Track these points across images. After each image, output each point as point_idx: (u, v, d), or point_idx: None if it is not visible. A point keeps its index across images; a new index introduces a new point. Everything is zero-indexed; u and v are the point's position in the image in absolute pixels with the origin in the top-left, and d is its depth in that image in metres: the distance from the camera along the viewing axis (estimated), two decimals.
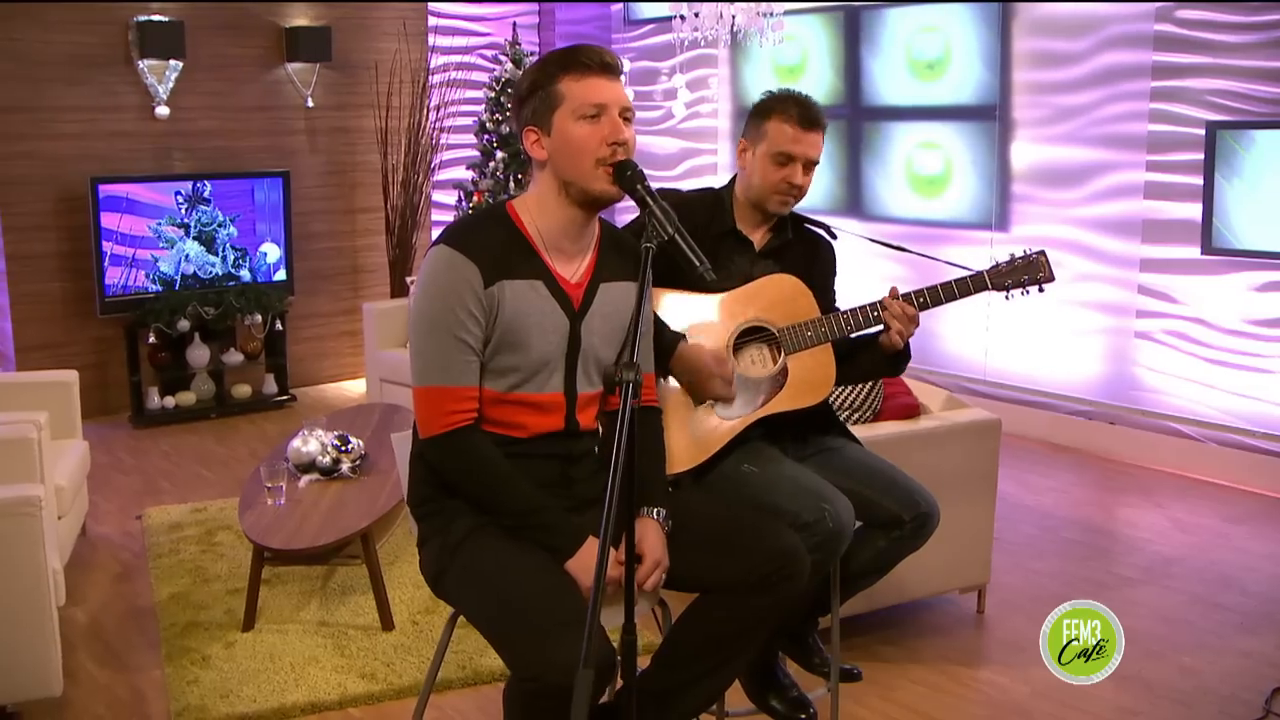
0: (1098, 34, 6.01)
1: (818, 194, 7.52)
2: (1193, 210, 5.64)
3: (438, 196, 8.26)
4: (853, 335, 2.87)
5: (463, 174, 7.93)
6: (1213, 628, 4.10)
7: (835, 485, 2.88)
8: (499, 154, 7.59)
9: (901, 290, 2.91)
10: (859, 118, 7.29)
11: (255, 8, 7.30)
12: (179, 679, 3.69)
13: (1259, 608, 4.27)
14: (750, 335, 2.88)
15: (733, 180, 3.04)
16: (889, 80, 7.09)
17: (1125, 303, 6.04)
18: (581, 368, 2.37)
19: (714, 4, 5.49)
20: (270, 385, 7.27)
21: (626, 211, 3.39)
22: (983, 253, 6.53)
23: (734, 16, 5.50)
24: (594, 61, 2.29)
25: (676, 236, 2.14)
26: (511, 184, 7.65)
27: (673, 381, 2.84)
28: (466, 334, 2.26)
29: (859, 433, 3.86)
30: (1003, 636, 4.06)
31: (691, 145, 8.47)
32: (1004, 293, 2.94)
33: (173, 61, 6.91)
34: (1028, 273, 2.92)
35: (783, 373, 2.85)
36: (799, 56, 7.60)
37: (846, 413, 4.06)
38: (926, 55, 6.83)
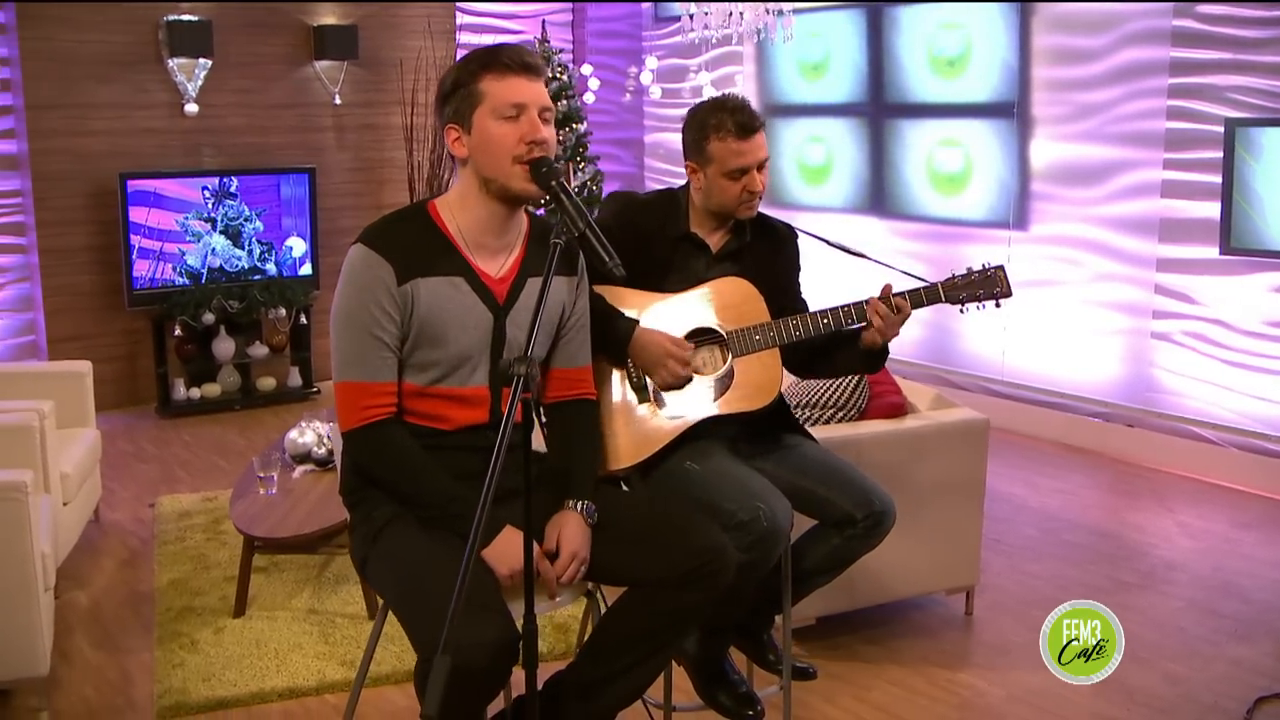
0: (1117, 30, 5.92)
1: (839, 192, 7.51)
2: (1211, 209, 5.54)
3: None
4: (801, 339, 2.86)
5: None
6: (1205, 635, 4.03)
7: (790, 484, 2.88)
8: None
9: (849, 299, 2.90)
10: (881, 115, 7.25)
11: (283, 6, 7.42)
12: (166, 662, 3.78)
13: (1257, 615, 4.18)
14: (700, 337, 2.88)
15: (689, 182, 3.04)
16: (910, 77, 7.04)
17: (1142, 303, 5.95)
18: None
19: (724, 3, 5.49)
20: (295, 378, 7.39)
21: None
22: (1000, 252, 6.48)
23: (742, 14, 5.49)
24: (515, 61, 2.33)
25: (587, 232, 2.16)
26: (563, 179, 7.71)
27: (619, 380, 2.86)
28: (382, 331, 2.31)
29: (843, 431, 3.87)
30: (988, 639, 4.02)
31: None
32: (959, 306, 2.90)
33: (202, 60, 7.05)
34: (984, 287, 2.88)
35: (729, 375, 2.85)
36: (822, 53, 7.57)
37: (830, 411, 4.04)
38: (947, 52, 6.78)
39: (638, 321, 2.83)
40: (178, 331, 6.93)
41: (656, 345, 2.79)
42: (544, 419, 2.64)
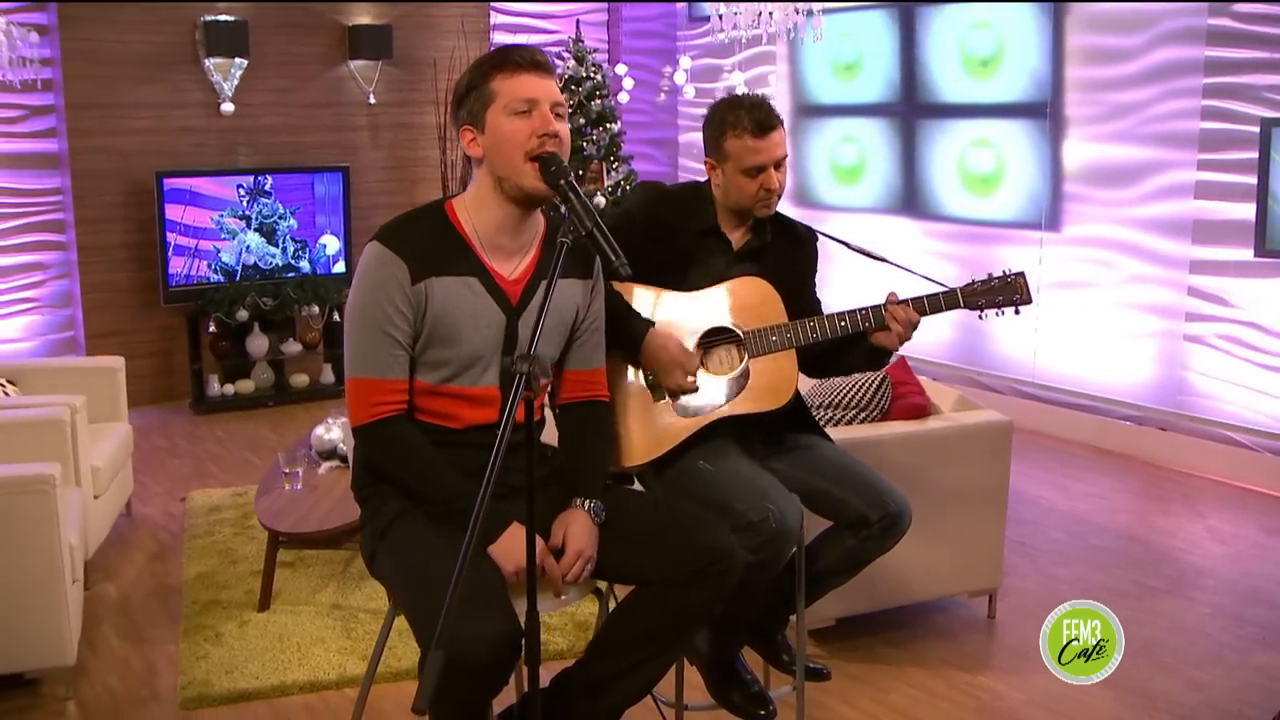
0: (1151, 29, 5.86)
1: (871, 192, 7.48)
2: (1246, 210, 5.46)
3: None
4: (817, 342, 2.85)
5: None
6: (1231, 641, 3.98)
7: (805, 484, 2.89)
8: None
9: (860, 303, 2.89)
10: (913, 115, 7.21)
11: (318, 6, 7.49)
12: (190, 654, 3.84)
13: None
14: (717, 336, 2.88)
15: None
16: (943, 77, 7.01)
17: (1175, 305, 5.89)
18: None
19: (753, 3, 5.48)
20: (328, 375, 7.45)
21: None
22: (1033, 253, 6.43)
23: (771, 14, 5.48)
24: (525, 60, 2.36)
25: (594, 230, 2.17)
26: (572, 178, 7.73)
27: (634, 377, 2.87)
28: (394, 329, 2.33)
29: (865, 432, 3.86)
30: (1010, 642, 3.99)
31: None
32: (977, 311, 2.89)
33: (238, 60, 7.14)
34: (1003, 294, 2.86)
35: (744, 376, 2.85)
36: (855, 53, 7.55)
37: (853, 412, 4.03)
38: (980, 52, 6.73)
39: (653, 323, 2.83)
40: (212, 328, 7.01)
41: (667, 353, 2.79)
42: (558, 417, 2.65)
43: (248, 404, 7.15)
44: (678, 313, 2.87)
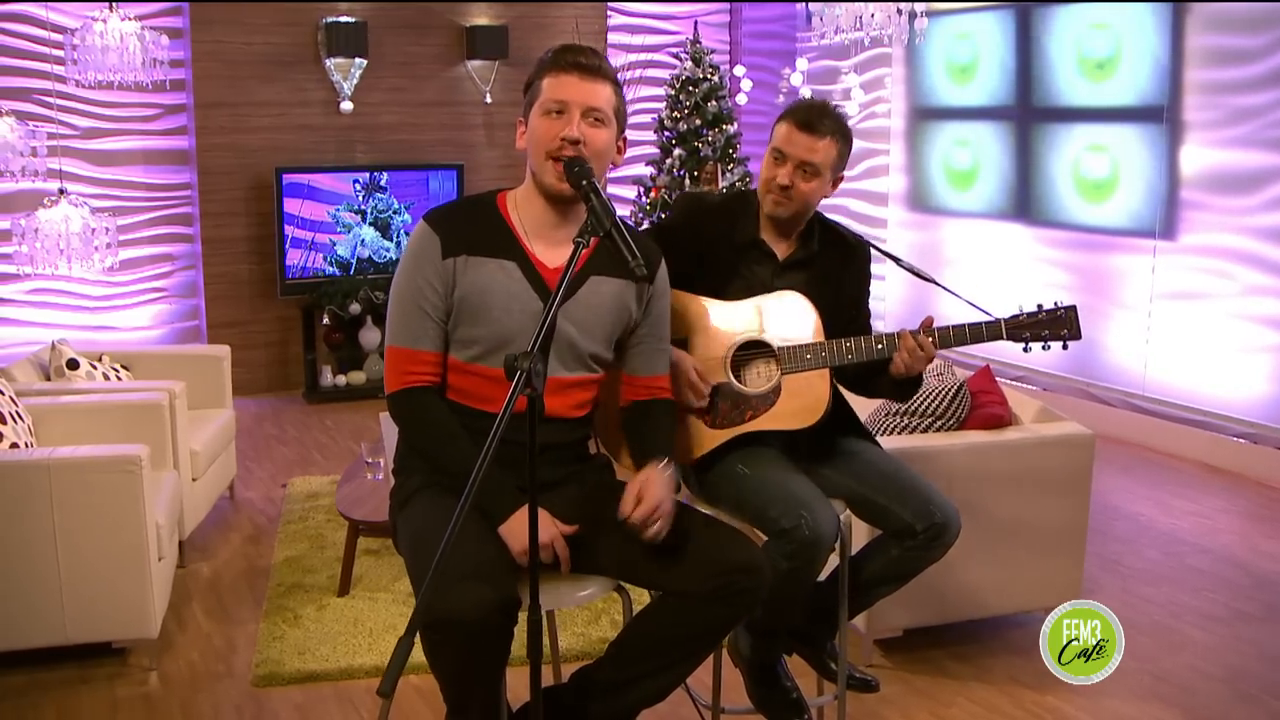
0: (1277, 29, 5.59)
1: (984, 197, 7.31)
2: None
3: (613, 190, 8.43)
4: (852, 363, 2.80)
5: (642, 170, 8.08)
6: None
7: (850, 490, 2.86)
8: (677, 151, 7.71)
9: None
10: (1028, 119, 7.03)
11: (437, 7, 7.68)
12: (268, 634, 3.98)
13: None
14: (754, 350, 2.85)
15: None
16: (1059, 80, 6.81)
17: None
18: (554, 352, 2.44)
19: (853, 4, 5.41)
20: None
21: None
22: (1146, 262, 6.21)
23: (874, 15, 5.41)
24: (569, 61, 2.40)
25: (612, 230, 2.19)
26: (688, 180, 7.75)
27: None
28: (425, 302, 2.42)
29: (938, 441, 3.79)
30: None
31: (867, 145, 8.35)
32: (1021, 344, 2.82)
33: (357, 60, 7.36)
34: (1050, 327, 2.79)
35: (775, 392, 2.81)
36: (971, 55, 7.39)
37: (929, 420, 3.97)
38: (1097, 54, 6.52)
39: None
40: (326, 320, 7.24)
41: (681, 374, 2.77)
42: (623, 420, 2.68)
43: (359, 395, 7.35)
44: (716, 322, 2.85)
